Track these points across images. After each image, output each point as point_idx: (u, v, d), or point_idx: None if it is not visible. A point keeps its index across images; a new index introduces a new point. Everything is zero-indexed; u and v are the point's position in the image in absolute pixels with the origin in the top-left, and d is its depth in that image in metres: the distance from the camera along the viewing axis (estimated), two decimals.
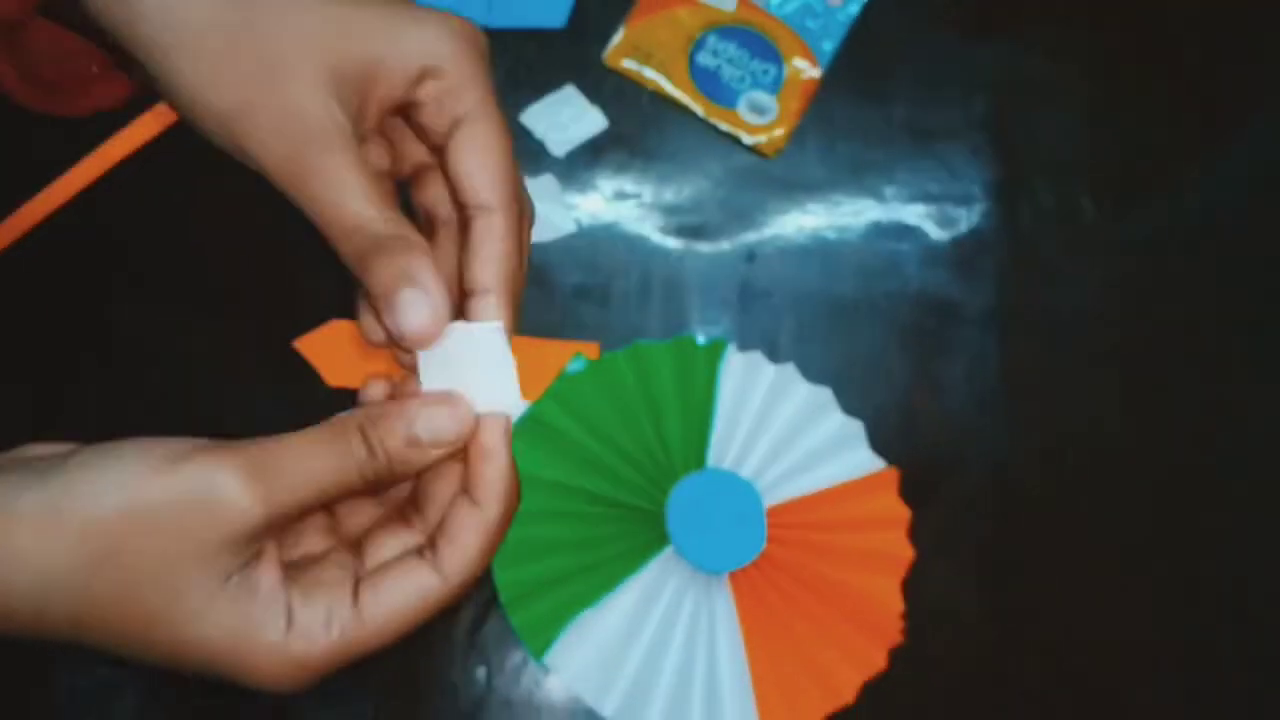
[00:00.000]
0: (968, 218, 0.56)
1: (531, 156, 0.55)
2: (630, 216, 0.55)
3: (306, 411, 0.34)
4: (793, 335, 0.53)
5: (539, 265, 0.53)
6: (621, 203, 0.55)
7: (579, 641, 0.47)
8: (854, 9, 0.58)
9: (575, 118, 0.56)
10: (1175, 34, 0.59)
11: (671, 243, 0.54)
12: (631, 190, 0.55)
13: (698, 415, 0.50)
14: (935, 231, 0.55)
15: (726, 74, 0.57)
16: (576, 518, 0.48)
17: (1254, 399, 0.53)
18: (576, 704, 0.46)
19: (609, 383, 0.50)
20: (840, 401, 0.51)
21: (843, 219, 0.55)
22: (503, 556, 0.47)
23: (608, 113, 0.56)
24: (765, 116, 0.56)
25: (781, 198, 0.55)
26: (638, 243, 0.54)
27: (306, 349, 0.50)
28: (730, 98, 0.56)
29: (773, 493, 0.49)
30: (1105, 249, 0.55)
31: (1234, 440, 0.52)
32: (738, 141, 0.56)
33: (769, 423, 0.50)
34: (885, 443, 0.51)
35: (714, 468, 0.49)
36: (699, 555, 0.48)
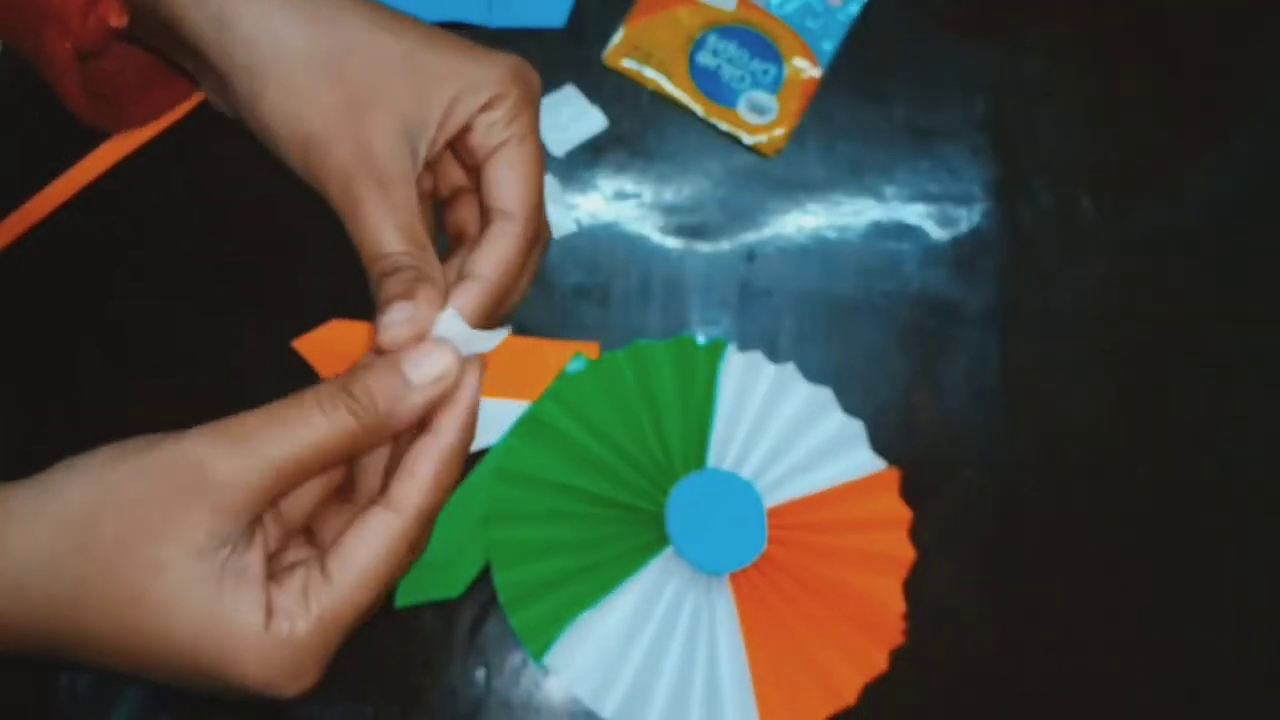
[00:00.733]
0: (968, 218, 0.56)
1: None
2: (630, 216, 0.55)
3: None
4: (793, 335, 0.53)
5: None
6: (621, 202, 0.55)
7: (579, 642, 0.47)
8: (854, 9, 0.58)
9: (575, 117, 0.56)
10: (1175, 34, 0.59)
11: (671, 243, 0.54)
12: (631, 190, 0.55)
13: (698, 415, 0.50)
14: (935, 231, 0.55)
15: (726, 74, 0.57)
16: (576, 518, 0.48)
17: (1254, 399, 0.53)
18: (576, 705, 0.46)
19: (609, 383, 0.50)
20: (840, 401, 0.51)
21: (843, 219, 0.55)
22: (502, 557, 0.47)
23: (608, 113, 0.56)
24: (765, 116, 0.56)
25: (781, 198, 0.55)
26: (638, 243, 0.54)
27: (305, 349, 0.50)
28: (730, 97, 0.56)
29: (773, 493, 0.49)
30: (1105, 249, 0.55)
31: (1234, 440, 0.52)
32: (738, 141, 0.56)
33: (769, 423, 0.50)
34: (885, 443, 0.50)
35: (714, 468, 0.49)
36: (699, 556, 0.48)
